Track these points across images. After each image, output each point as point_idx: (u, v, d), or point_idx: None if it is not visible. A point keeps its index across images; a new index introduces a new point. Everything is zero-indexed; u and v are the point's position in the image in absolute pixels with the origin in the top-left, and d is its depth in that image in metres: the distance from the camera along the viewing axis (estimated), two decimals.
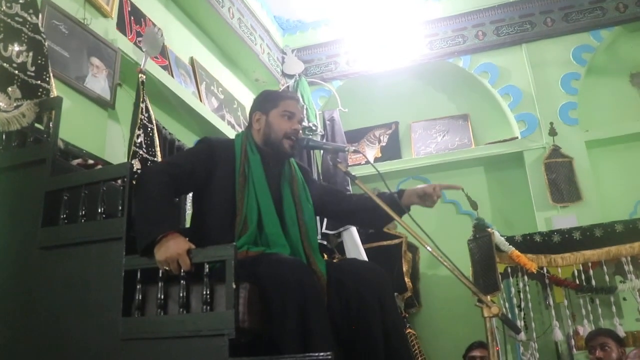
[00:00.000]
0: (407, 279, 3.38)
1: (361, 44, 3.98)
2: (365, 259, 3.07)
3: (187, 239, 1.41)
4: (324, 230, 3.23)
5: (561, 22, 3.69)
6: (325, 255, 3.09)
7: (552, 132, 3.57)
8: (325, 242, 3.23)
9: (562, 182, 3.43)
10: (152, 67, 2.57)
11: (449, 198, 3.83)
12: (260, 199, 1.58)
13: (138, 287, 1.37)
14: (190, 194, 2.06)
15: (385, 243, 3.55)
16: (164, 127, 2.58)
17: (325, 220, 3.22)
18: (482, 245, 2.92)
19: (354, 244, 3.20)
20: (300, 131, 1.73)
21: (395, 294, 3.10)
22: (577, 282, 2.76)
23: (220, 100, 3.33)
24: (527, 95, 3.68)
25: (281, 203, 1.64)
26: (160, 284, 1.36)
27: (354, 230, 3.22)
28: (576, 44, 3.65)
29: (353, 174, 1.65)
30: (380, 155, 4.15)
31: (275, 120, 1.70)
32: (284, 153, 1.68)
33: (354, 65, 4.05)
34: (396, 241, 3.56)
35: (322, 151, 3.31)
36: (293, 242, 1.59)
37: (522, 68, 3.72)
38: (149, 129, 2.33)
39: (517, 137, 3.66)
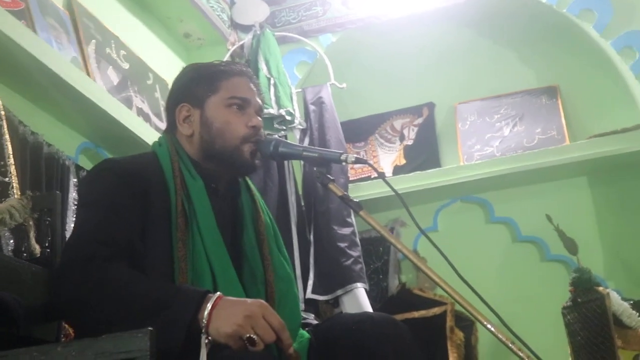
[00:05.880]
0: None
1: None
2: None
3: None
4: (309, 294, 3.11)
5: None
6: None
7: None
8: (310, 318, 3.03)
9: None
10: None
11: (524, 233, 3.65)
12: (213, 253, 1.60)
13: None
14: None
15: (417, 314, 3.36)
16: (21, 122, 2.52)
17: (310, 277, 3.14)
18: (588, 317, 2.87)
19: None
20: (262, 128, 1.79)
21: None
22: None
23: (124, 72, 3.24)
24: None
25: (241, 259, 1.70)
26: None
27: (360, 292, 3.09)
28: None
29: (356, 199, 1.70)
30: (404, 162, 3.98)
31: (219, 115, 1.74)
32: (246, 167, 1.75)
33: (355, 6, 3.87)
34: (436, 311, 3.37)
35: (302, 162, 3.20)
36: None
37: None
38: None
39: None
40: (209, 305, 1.36)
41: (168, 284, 1.49)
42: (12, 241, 2.00)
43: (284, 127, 3.30)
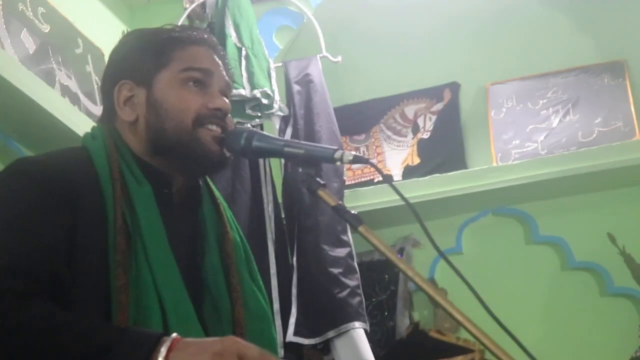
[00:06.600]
0: None
1: None
2: None
3: None
4: (291, 336, 2.98)
5: None
6: None
7: None
8: None
9: None
10: None
11: (579, 259, 3.41)
12: (163, 282, 1.52)
13: None
14: None
15: None
16: None
17: (293, 314, 3.02)
18: None
19: None
20: (230, 116, 1.70)
21: None
22: None
23: (43, 36, 3.13)
24: None
25: (201, 290, 1.65)
26: None
27: (358, 335, 2.95)
28: None
29: (354, 211, 1.58)
30: (418, 161, 3.75)
31: (171, 94, 1.64)
32: (210, 159, 1.65)
33: None
34: None
35: (283, 160, 3.15)
36: None
37: None
38: None
39: None
40: (163, 350, 1.30)
41: (109, 326, 1.42)
42: None
43: (259, 114, 3.17)
